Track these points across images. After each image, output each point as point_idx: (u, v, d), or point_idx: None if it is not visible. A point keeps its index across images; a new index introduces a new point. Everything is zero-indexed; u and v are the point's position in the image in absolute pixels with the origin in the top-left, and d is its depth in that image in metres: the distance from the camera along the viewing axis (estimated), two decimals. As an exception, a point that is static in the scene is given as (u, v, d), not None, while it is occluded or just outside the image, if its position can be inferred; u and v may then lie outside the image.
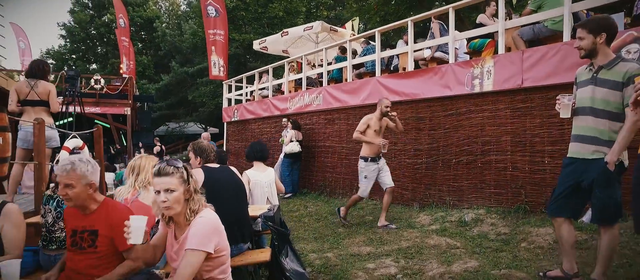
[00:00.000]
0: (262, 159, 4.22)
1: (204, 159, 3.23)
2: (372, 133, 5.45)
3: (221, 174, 3.17)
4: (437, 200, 6.06)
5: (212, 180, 3.07)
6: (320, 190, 8.51)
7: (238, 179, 3.24)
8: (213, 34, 12.91)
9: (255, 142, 4.43)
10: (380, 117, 5.50)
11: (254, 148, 4.29)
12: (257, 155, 4.21)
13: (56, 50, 30.60)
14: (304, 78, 9.40)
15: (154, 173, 1.97)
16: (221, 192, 3.07)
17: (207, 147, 3.24)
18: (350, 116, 7.86)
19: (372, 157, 5.42)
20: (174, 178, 1.93)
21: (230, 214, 3.07)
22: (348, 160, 7.88)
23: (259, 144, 4.35)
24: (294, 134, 8.54)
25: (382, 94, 6.97)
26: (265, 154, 4.24)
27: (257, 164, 4.20)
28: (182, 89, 23.17)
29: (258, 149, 4.24)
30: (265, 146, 4.33)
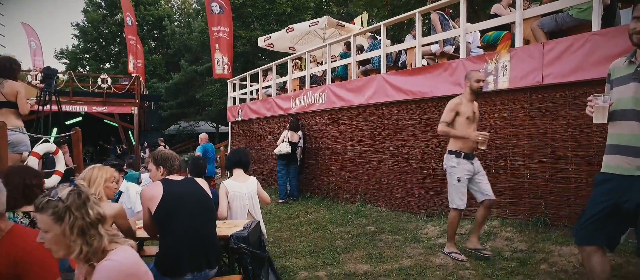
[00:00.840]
0: (242, 167, 3.75)
1: (167, 169, 2.78)
2: (463, 122, 3.89)
3: (183, 187, 2.72)
4: (446, 209, 5.50)
5: (171, 195, 2.62)
6: (323, 195, 8.03)
7: (204, 193, 2.78)
8: (217, 31, 12.53)
9: (236, 149, 3.98)
10: (471, 97, 3.95)
11: (233, 154, 3.83)
12: (236, 163, 3.75)
13: (70, 50, 30.76)
14: (307, 76, 8.92)
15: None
16: (181, 210, 2.61)
17: (169, 155, 2.79)
18: (355, 116, 7.35)
19: (467, 153, 3.92)
20: (45, 215, 1.46)
21: (192, 235, 2.61)
22: (352, 163, 7.38)
23: (240, 152, 3.89)
24: (287, 135, 8.06)
25: (387, 91, 6.45)
26: (245, 161, 3.77)
27: (237, 172, 3.74)
28: (192, 87, 22.94)
29: (237, 156, 3.78)
30: (247, 154, 3.86)
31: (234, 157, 3.80)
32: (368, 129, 7.02)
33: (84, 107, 15.96)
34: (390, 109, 6.51)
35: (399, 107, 6.34)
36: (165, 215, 2.58)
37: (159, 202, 2.58)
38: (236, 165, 3.74)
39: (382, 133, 6.69)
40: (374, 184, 6.86)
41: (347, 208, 6.98)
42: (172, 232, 2.57)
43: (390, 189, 6.51)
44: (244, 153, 3.83)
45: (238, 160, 3.75)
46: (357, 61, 7.74)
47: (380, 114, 6.75)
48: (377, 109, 6.80)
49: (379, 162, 6.76)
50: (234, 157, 3.79)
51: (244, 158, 3.76)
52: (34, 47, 21.00)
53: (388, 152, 6.57)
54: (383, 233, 5.30)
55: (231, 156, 3.85)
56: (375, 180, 6.84)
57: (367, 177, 7.01)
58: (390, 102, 6.46)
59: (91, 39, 29.89)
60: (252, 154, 11.13)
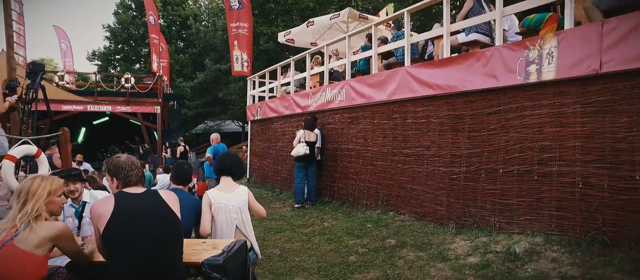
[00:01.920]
0: (229, 174, 3.18)
1: (121, 181, 2.23)
2: None
3: (141, 203, 2.16)
4: (478, 220, 4.77)
5: (123, 213, 2.07)
6: (343, 200, 7.39)
7: (167, 210, 2.21)
8: (236, 27, 12.10)
9: (225, 152, 3.42)
10: None
11: (219, 159, 3.26)
12: (221, 169, 3.18)
13: (101, 52, 31.40)
14: (326, 71, 8.30)
15: None
16: (135, 232, 2.06)
17: (124, 164, 2.24)
18: (376, 114, 6.68)
19: None
20: None
21: (149, 264, 2.06)
22: (373, 166, 6.71)
23: (228, 155, 3.32)
24: (302, 134, 7.46)
25: (411, 86, 5.75)
26: (234, 167, 3.20)
27: (224, 180, 3.17)
28: (217, 86, 22.77)
29: (223, 161, 3.21)
30: (236, 158, 3.28)
31: (219, 162, 3.24)
32: (391, 128, 6.34)
33: (108, 106, 15.98)
34: (415, 106, 5.81)
35: (424, 103, 5.63)
36: (114, 237, 2.04)
37: (107, 221, 2.04)
38: (222, 171, 3.18)
39: (406, 132, 6.00)
40: (397, 189, 6.17)
41: (367, 216, 6.33)
42: (122, 259, 2.03)
43: (415, 196, 5.81)
44: (233, 158, 3.26)
45: (222, 166, 3.18)
46: (379, 54, 7.06)
47: (404, 112, 6.06)
48: (401, 106, 6.11)
49: (403, 164, 6.07)
50: (220, 163, 3.23)
51: (229, 163, 3.19)
52: (64, 49, 21.38)
53: (412, 153, 5.87)
54: (404, 247, 4.62)
55: (217, 161, 3.29)
56: (398, 185, 6.16)
57: (390, 181, 6.34)
58: (415, 98, 5.76)
59: (121, 40, 30.37)
60: (244, 161, 10.66)
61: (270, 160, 10.88)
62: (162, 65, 19.98)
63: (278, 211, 7.44)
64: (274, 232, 5.90)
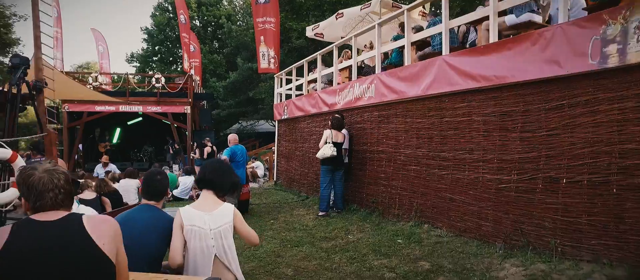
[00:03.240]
0: (212, 188, 2.49)
1: (31, 204, 1.59)
2: None
3: (47, 238, 1.50)
4: (534, 241, 3.87)
5: (13, 255, 1.42)
6: (371, 208, 6.61)
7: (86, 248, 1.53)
8: (262, 22, 11.55)
9: (211, 159, 2.73)
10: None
11: (202, 169, 2.57)
12: (201, 180, 2.49)
13: (140, 54, 32.05)
14: (354, 65, 7.53)
15: None
16: None
17: (37, 182, 1.58)
18: (409, 112, 5.85)
19: None
20: None
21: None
22: (406, 171, 5.88)
23: (213, 163, 2.62)
24: (329, 134, 6.73)
25: (450, 78, 4.89)
26: (217, 180, 2.49)
27: (205, 194, 2.48)
28: (249, 85, 22.44)
29: (207, 171, 2.51)
30: (222, 168, 2.56)
31: (200, 172, 2.55)
32: (426, 128, 5.50)
33: (139, 107, 15.93)
34: (455, 101, 4.94)
35: (466, 98, 4.76)
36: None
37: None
38: (203, 183, 2.49)
39: (444, 133, 5.14)
40: (433, 198, 5.32)
41: (398, 228, 5.52)
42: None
43: (454, 207, 4.94)
44: (217, 167, 2.56)
45: (202, 178, 2.49)
46: (413, 43, 6.22)
47: (441, 108, 5.20)
48: (438, 102, 5.25)
49: (440, 170, 5.21)
50: (200, 172, 2.55)
51: (211, 174, 2.49)
52: (101, 51, 21.77)
53: (451, 157, 5.01)
54: (441, 274, 3.80)
55: (200, 170, 2.60)
56: (434, 194, 5.31)
57: (425, 189, 5.50)
58: (455, 92, 4.89)
59: (157, 42, 30.82)
60: (235, 173, 9.97)
61: (297, 162, 10.24)
62: (194, 65, 19.86)
63: (300, 220, 6.76)
64: (291, 246, 5.21)
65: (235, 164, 6.98)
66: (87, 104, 15.17)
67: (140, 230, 2.35)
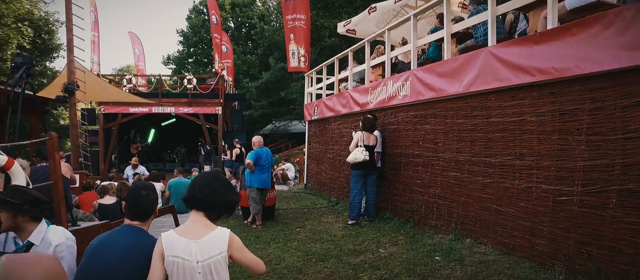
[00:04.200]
0: (202, 209, 2.02)
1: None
2: None
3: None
4: (606, 267, 3.19)
5: None
6: (406, 218, 6.02)
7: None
8: (292, 19, 11.16)
9: (203, 172, 2.21)
10: None
11: (191, 186, 2.07)
12: (193, 200, 2.02)
13: (176, 56, 32.64)
14: (387, 60, 6.95)
15: None
16: None
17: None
18: (449, 112, 5.24)
19: None
20: None
21: None
22: (445, 178, 5.27)
23: (205, 177, 2.10)
24: (361, 137, 6.20)
25: (498, 73, 4.25)
26: (207, 199, 1.98)
27: (194, 217, 2.00)
28: (282, 86, 22.22)
29: (196, 188, 2.01)
30: (215, 184, 2.03)
31: (190, 188, 2.06)
32: (468, 130, 4.87)
33: (171, 108, 15.97)
34: (503, 99, 4.30)
35: (517, 95, 4.11)
36: None
37: None
38: (190, 203, 2.01)
39: (490, 135, 4.50)
40: (476, 209, 4.69)
41: (436, 242, 4.92)
42: None
43: (502, 220, 4.30)
44: (210, 182, 2.04)
45: (191, 196, 2.01)
46: (453, 35, 5.59)
47: (486, 108, 4.56)
48: (482, 100, 4.62)
49: (484, 178, 4.57)
50: (189, 190, 2.06)
51: (201, 191, 2.00)
52: (137, 54, 22.17)
53: (498, 164, 4.36)
54: (489, 304, 3.19)
55: (189, 186, 2.11)
56: (477, 205, 4.67)
57: (466, 198, 4.87)
58: (503, 89, 4.25)
59: (192, 44, 31.25)
60: (235, 186, 9.47)
61: (327, 165, 9.76)
62: (226, 66, 19.80)
63: (328, 228, 6.27)
64: (315, 260, 4.73)
65: (260, 168, 6.59)
66: (121, 106, 15.35)
67: (118, 256, 1.93)
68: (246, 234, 6.04)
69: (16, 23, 17.40)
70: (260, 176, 6.57)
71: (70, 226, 4.07)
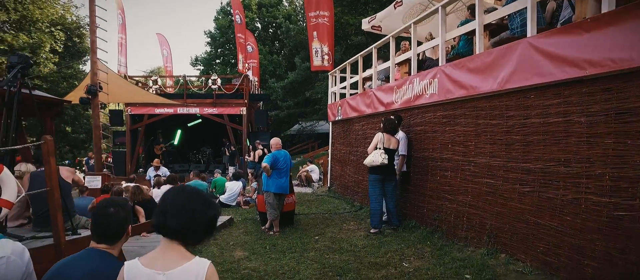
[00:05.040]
0: (174, 235, 1.55)
1: None
2: None
3: None
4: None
5: None
6: (433, 227, 5.53)
7: None
8: (315, 16, 10.79)
9: (174, 190, 1.72)
10: None
11: (160, 203, 1.64)
12: (166, 230, 1.54)
13: (203, 57, 32.95)
14: (413, 56, 6.47)
15: None
16: None
17: None
18: (481, 111, 4.72)
19: None
20: None
21: None
22: (477, 185, 4.76)
23: (177, 193, 1.59)
24: (381, 139, 5.76)
25: (538, 67, 3.72)
26: (183, 220, 1.53)
27: (166, 244, 1.55)
28: (308, 86, 21.91)
29: (168, 205, 1.56)
30: (192, 201, 1.58)
31: (159, 213, 1.58)
32: (503, 132, 4.35)
33: (196, 108, 15.93)
34: (545, 97, 3.77)
35: (562, 92, 3.57)
36: None
37: None
38: (163, 231, 1.59)
39: (529, 138, 3.97)
40: (512, 221, 4.16)
41: (466, 256, 4.43)
42: None
43: (543, 235, 3.77)
44: (185, 206, 1.57)
45: (162, 223, 1.54)
46: (486, 27, 5.07)
47: (525, 107, 4.03)
48: (520, 98, 4.09)
49: (522, 186, 4.05)
50: (159, 214, 1.56)
51: (173, 209, 1.54)
52: (165, 55, 22.41)
53: (538, 170, 3.83)
54: (531, 339, 2.70)
55: (157, 208, 1.66)
56: (514, 216, 4.15)
57: (501, 208, 4.35)
58: (545, 85, 3.72)
59: (219, 45, 31.44)
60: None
61: (351, 168, 9.33)
62: (251, 66, 19.67)
63: (349, 236, 5.86)
64: (332, 274, 4.33)
65: (278, 172, 6.24)
66: (147, 107, 15.45)
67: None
68: (262, 242, 5.71)
69: (50, 28, 17.86)
70: (277, 180, 6.23)
71: (70, 235, 3.86)
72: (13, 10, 17.05)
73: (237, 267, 4.65)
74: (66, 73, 19.11)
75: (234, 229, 6.73)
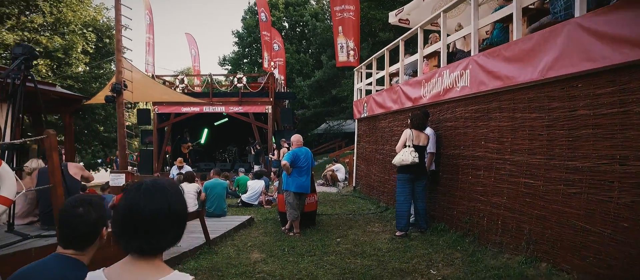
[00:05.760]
0: (142, 252, 1.17)
1: None
2: None
3: None
4: None
5: None
6: (464, 231, 5.10)
7: None
8: (340, 10, 10.45)
9: (138, 187, 1.33)
10: None
11: (123, 223, 1.11)
12: (132, 247, 1.17)
13: (231, 57, 33.17)
14: (443, 47, 6.03)
15: None
16: None
17: None
18: (519, 104, 4.27)
19: None
20: None
21: None
22: (513, 185, 4.30)
23: (145, 191, 1.15)
24: (410, 136, 5.36)
25: (589, 50, 3.26)
26: (151, 238, 1.17)
27: (131, 261, 1.21)
28: (335, 84, 21.56)
29: (134, 210, 1.16)
30: (159, 202, 1.17)
31: (117, 224, 1.17)
32: (545, 126, 3.89)
33: (222, 107, 15.88)
34: (597, 85, 3.29)
35: (617, 79, 3.10)
36: None
37: None
38: (124, 245, 1.22)
39: (576, 133, 3.51)
40: (556, 226, 3.70)
41: (501, 263, 4.00)
42: None
43: (594, 244, 3.29)
44: (152, 212, 1.18)
45: (128, 241, 1.17)
46: (525, 12, 4.60)
47: (572, 97, 3.57)
48: (566, 88, 3.63)
49: (567, 187, 3.58)
50: (119, 227, 1.18)
51: (135, 234, 1.16)
52: (193, 54, 22.60)
53: (588, 169, 3.36)
54: None
55: (113, 219, 1.25)
56: (557, 220, 3.68)
57: (542, 212, 3.88)
58: (597, 71, 3.25)
59: (247, 44, 31.55)
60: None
61: (377, 167, 8.95)
62: (278, 64, 19.52)
63: (373, 239, 5.50)
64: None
65: (298, 170, 5.95)
66: (174, 106, 15.51)
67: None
68: (281, 244, 5.43)
69: (82, 29, 18.28)
70: (298, 179, 5.93)
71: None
72: (49, 14, 17.54)
73: (252, 271, 4.39)
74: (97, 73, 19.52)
75: (253, 230, 6.49)
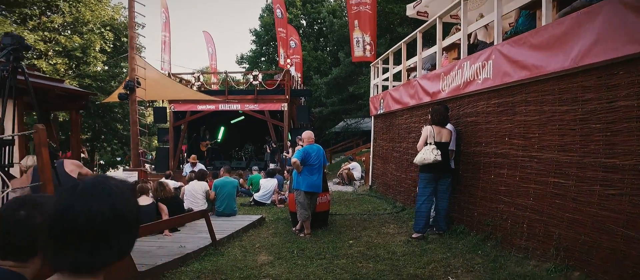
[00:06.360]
0: (81, 269, 0.82)
1: None
2: None
3: None
4: None
5: None
6: (485, 234, 4.73)
7: None
8: (356, 4, 10.12)
9: (75, 187, 1.04)
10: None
11: (55, 236, 0.76)
12: (70, 266, 0.86)
13: (249, 55, 33.18)
14: (464, 39, 5.65)
15: None
16: None
17: None
18: (547, 96, 3.89)
19: None
20: None
21: None
22: (541, 185, 3.93)
23: (84, 190, 0.86)
24: (431, 132, 5.01)
25: (633, 31, 2.87)
26: (96, 251, 0.87)
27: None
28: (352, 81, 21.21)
29: (69, 219, 0.85)
30: (110, 222, 0.88)
31: (46, 238, 0.83)
32: (578, 120, 3.50)
33: (237, 105, 15.78)
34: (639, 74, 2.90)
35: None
36: None
37: None
38: (55, 263, 0.88)
39: (615, 127, 3.12)
40: (591, 231, 3.31)
41: (527, 271, 3.64)
42: None
43: (635, 250, 2.91)
44: (103, 222, 0.88)
45: (62, 258, 0.85)
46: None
47: (610, 87, 3.18)
48: (602, 77, 3.24)
49: (605, 187, 3.20)
50: (48, 242, 0.77)
51: (75, 250, 0.85)
52: (211, 52, 22.62)
53: (629, 168, 2.98)
54: None
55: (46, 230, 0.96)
56: (593, 225, 3.30)
57: (575, 214, 3.50)
58: (638, 56, 2.86)
59: (264, 42, 31.48)
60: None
61: (393, 165, 8.60)
62: (294, 61, 19.30)
63: (387, 242, 5.19)
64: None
65: (309, 168, 5.68)
66: (190, 104, 15.49)
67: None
68: (290, 245, 5.17)
69: (100, 29, 18.48)
70: (308, 177, 5.66)
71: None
72: (68, 14, 17.78)
73: (258, 274, 4.14)
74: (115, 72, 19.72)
75: (263, 230, 6.26)
